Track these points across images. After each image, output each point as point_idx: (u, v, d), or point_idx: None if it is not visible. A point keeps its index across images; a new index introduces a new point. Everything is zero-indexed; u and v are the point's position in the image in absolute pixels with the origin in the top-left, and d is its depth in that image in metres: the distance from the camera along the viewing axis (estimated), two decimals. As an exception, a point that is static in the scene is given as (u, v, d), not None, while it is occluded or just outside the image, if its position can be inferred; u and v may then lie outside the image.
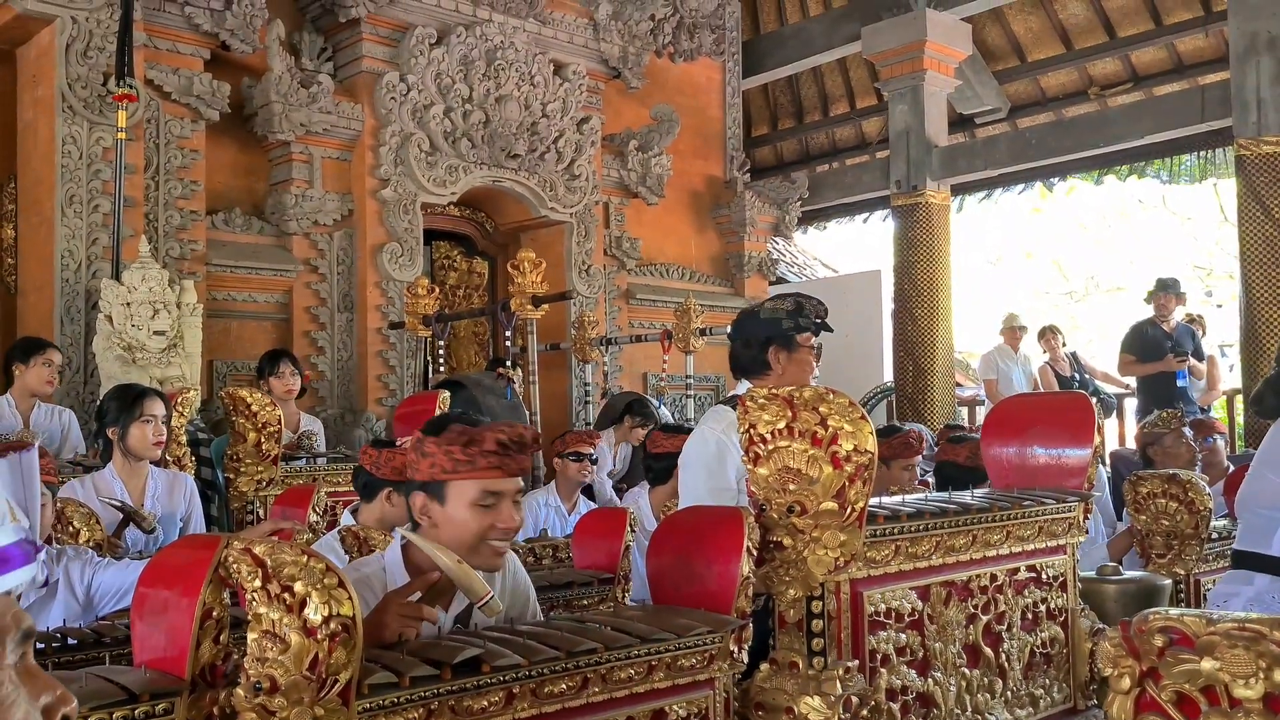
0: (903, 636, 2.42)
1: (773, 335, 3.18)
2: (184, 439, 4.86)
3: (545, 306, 6.50)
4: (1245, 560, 2.73)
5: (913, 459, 4.40)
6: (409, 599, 1.99)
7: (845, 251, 15.55)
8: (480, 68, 7.85)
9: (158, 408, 4.06)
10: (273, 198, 7.48)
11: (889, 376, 9.99)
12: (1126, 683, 1.25)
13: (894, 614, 2.40)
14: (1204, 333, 8.64)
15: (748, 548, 2.17)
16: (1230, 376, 9.55)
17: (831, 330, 3.28)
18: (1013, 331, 9.25)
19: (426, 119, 7.62)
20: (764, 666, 2.26)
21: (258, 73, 7.28)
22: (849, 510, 2.18)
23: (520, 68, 8.04)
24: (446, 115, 7.73)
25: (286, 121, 7.13)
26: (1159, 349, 7.95)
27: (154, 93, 6.76)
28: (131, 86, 6.07)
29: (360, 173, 7.57)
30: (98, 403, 4.66)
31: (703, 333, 7.16)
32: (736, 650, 2.15)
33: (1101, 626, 2.93)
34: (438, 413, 4.90)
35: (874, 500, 2.35)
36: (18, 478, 2.41)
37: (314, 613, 1.52)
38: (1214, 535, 3.44)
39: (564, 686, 1.85)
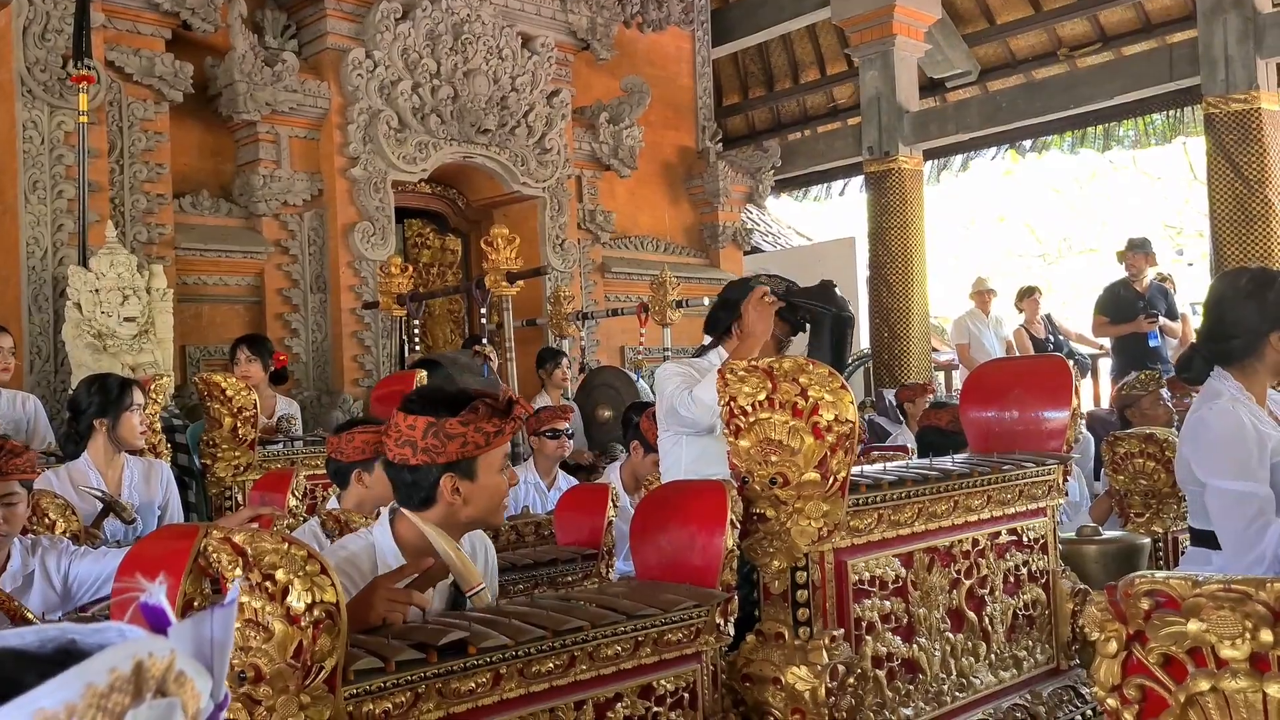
0: (887, 604, 2.43)
1: (728, 307, 3.27)
2: (159, 426, 4.81)
3: (520, 283, 6.47)
4: (1200, 538, 2.75)
5: None
6: (399, 584, 1.98)
7: (820, 219, 15.55)
8: (447, 42, 7.77)
9: (140, 396, 4.06)
10: (240, 179, 7.39)
11: (866, 344, 10.02)
12: (1113, 646, 1.25)
13: (878, 581, 2.41)
14: (1174, 291, 8.70)
15: (731, 520, 2.17)
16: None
17: (803, 329, 3.28)
18: (983, 295, 9.28)
19: (394, 95, 7.54)
20: (750, 638, 2.27)
21: (220, 52, 7.17)
22: (831, 480, 2.18)
23: (488, 41, 7.96)
24: (414, 91, 7.65)
25: (251, 101, 7.03)
26: (1132, 310, 8.00)
27: (115, 75, 6.65)
28: (91, 68, 5.96)
29: (329, 151, 7.48)
30: (70, 392, 4.60)
31: (679, 305, 7.14)
32: (722, 623, 2.15)
33: (1083, 587, 2.95)
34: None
35: (855, 469, 2.35)
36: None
37: (297, 600, 1.50)
38: (1189, 494, 3.48)
39: (551, 665, 1.84)
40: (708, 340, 3.44)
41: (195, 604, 1.66)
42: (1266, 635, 1.14)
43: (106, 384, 4.05)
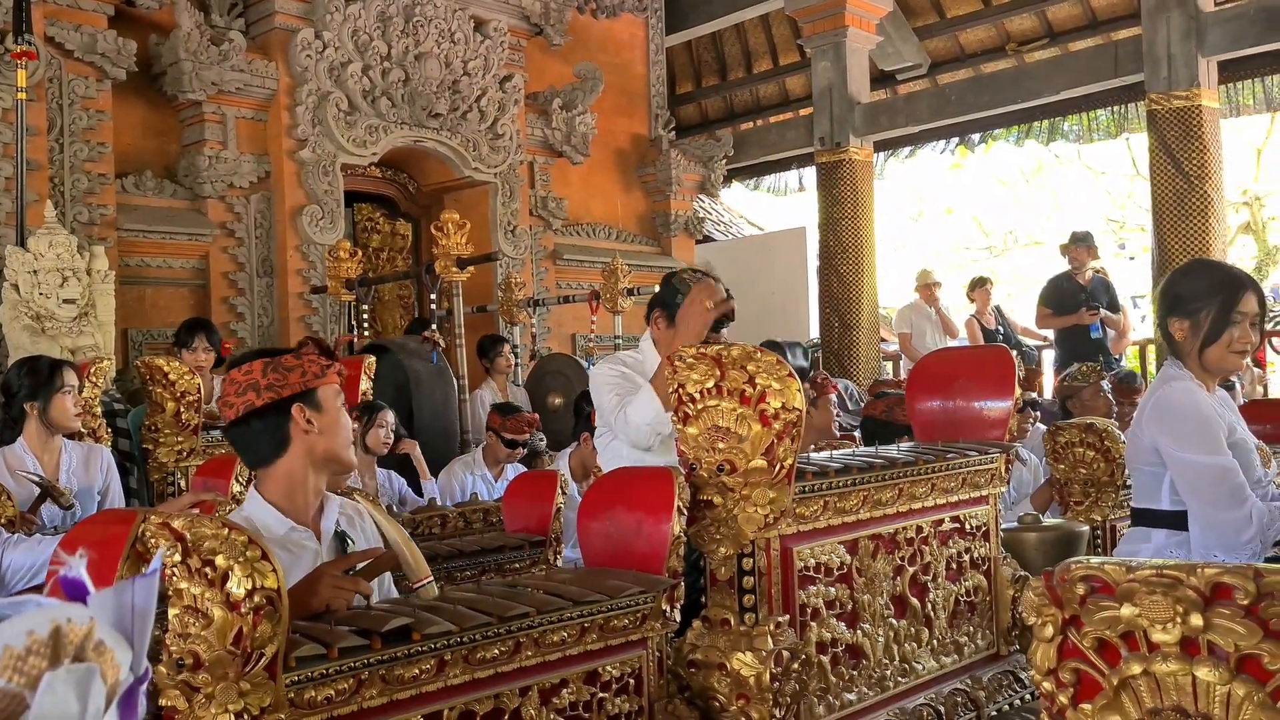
0: (832, 590, 2.46)
1: (664, 302, 3.23)
2: (99, 410, 4.72)
3: (471, 268, 6.42)
4: (1141, 517, 2.81)
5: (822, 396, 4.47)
6: (346, 571, 1.97)
7: (772, 209, 15.62)
8: (398, 24, 7.68)
9: (73, 378, 3.96)
10: (185, 159, 7.27)
11: (815, 333, 10.09)
12: (1049, 631, 1.27)
13: (823, 568, 2.44)
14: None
15: (678, 507, 2.17)
16: (1142, 326, 9.82)
17: (720, 329, 3.20)
18: (927, 287, 9.39)
19: (344, 77, 7.44)
20: (696, 624, 2.28)
21: (165, 30, 7.03)
22: (778, 467, 2.20)
23: (439, 24, 7.88)
24: (365, 73, 7.55)
25: (197, 80, 6.91)
26: (1074, 302, 8.13)
27: (55, 51, 6.49)
28: (30, 44, 5.82)
29: (276, 133, 7.37)
30: (3, 376, 4.49)
31: (630, 293, 7.14)
32: (669, 609, 2.16)
33: (1023, 574, 3.00)
34: (365, 384, 4.85)
35: (802, 457, 2.37)
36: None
37: (237, 586, 1.48)
38: (1129, 482, 3.55)
39: (496, 652, 1.84)
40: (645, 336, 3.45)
41: (133, 590, 1.64)
42: (1196, 619, 1.16)
43: (37, 366, 3.96)
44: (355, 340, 7.03)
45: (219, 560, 1.49)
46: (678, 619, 2.20)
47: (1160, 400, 2.70)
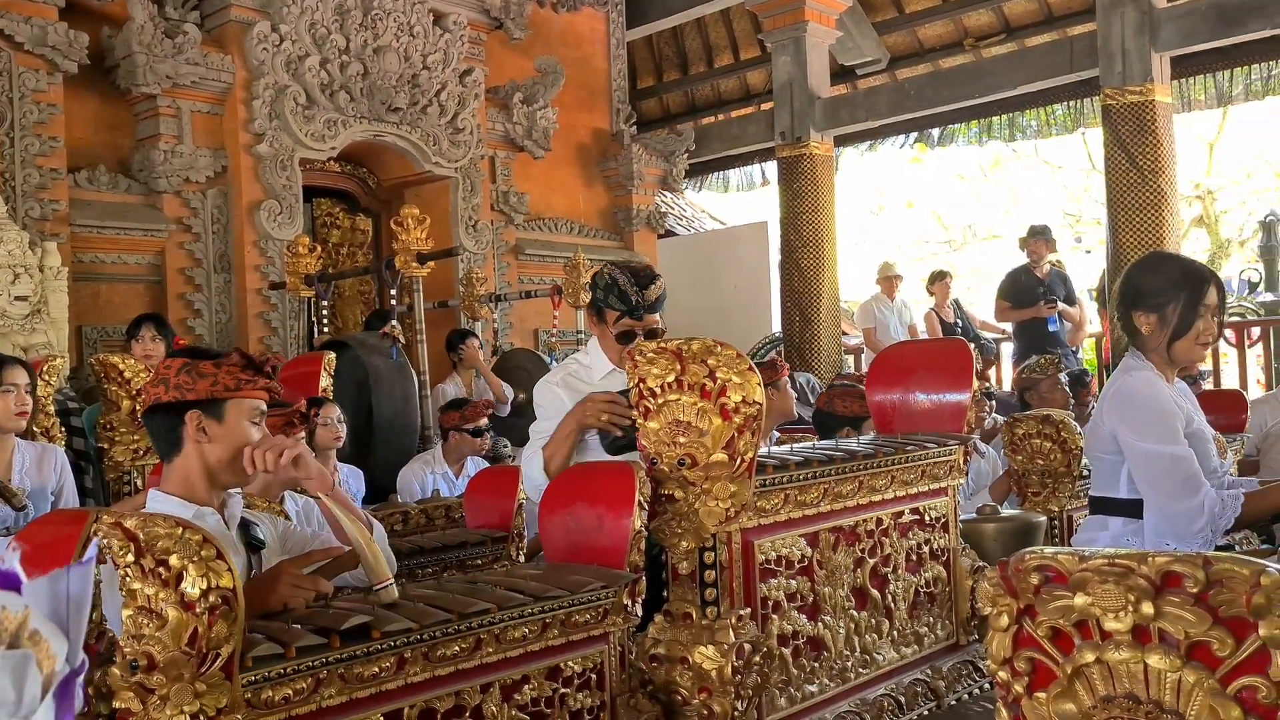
0: (793, 583, 2.47)
1: (591, 300, 3.02)
2: (52, 409, 4.64)
3: (431, 264, 6.38)
4: (1099, 505, 2.84)
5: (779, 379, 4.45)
6: (306, 569, 1.95)
7: (733, 204, 15.65)
8: (356, 17, 7.61)
9: (19, 376, 3.85)
10: (140, 154, 7.16)
11: (777, 327, 10.12)
12: (1005, 620, 1.29)
13: (784, 561, 2.45)
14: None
15: (639, 501, 2.17)
16: (1099, 319, 9.93)
17: (640, 318, 2.88)
18: (889, 280, 9.46)
19: (301, 70, 7.36)
20: (658, 618, 2.28)
21: (118, 22, 6.91)
22: (739, 461, 2.21)
23: (398, 17, 7.82)
24: (323, 67, 7.48)
25: (151, 74, 6.80)
26: (1032, 295, 8.22)
27: (5, 43, 6.37)
28: (-22, 36, 5.71)
29: (233, 127, 7.28)
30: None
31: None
32: (630, 604, 2.16)
33: (981, 564, 3.04)
34: (325, 380, 4.80)
35: (763, 450, 2.38)
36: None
37: (191, 586, 1.47)
38: (1085, 473, 3.59)
39: (457, 649, 1.83)
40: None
41: (85, 591, 1.61)
42: (1148, 608, 1.18)
43: None
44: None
45: (173, 560, 1.47)
46: (639, 613, 2.20)
47: (1120, 390, 2.74)
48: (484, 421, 5.37)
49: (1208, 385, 6.35)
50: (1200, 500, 2.57)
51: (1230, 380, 8.52)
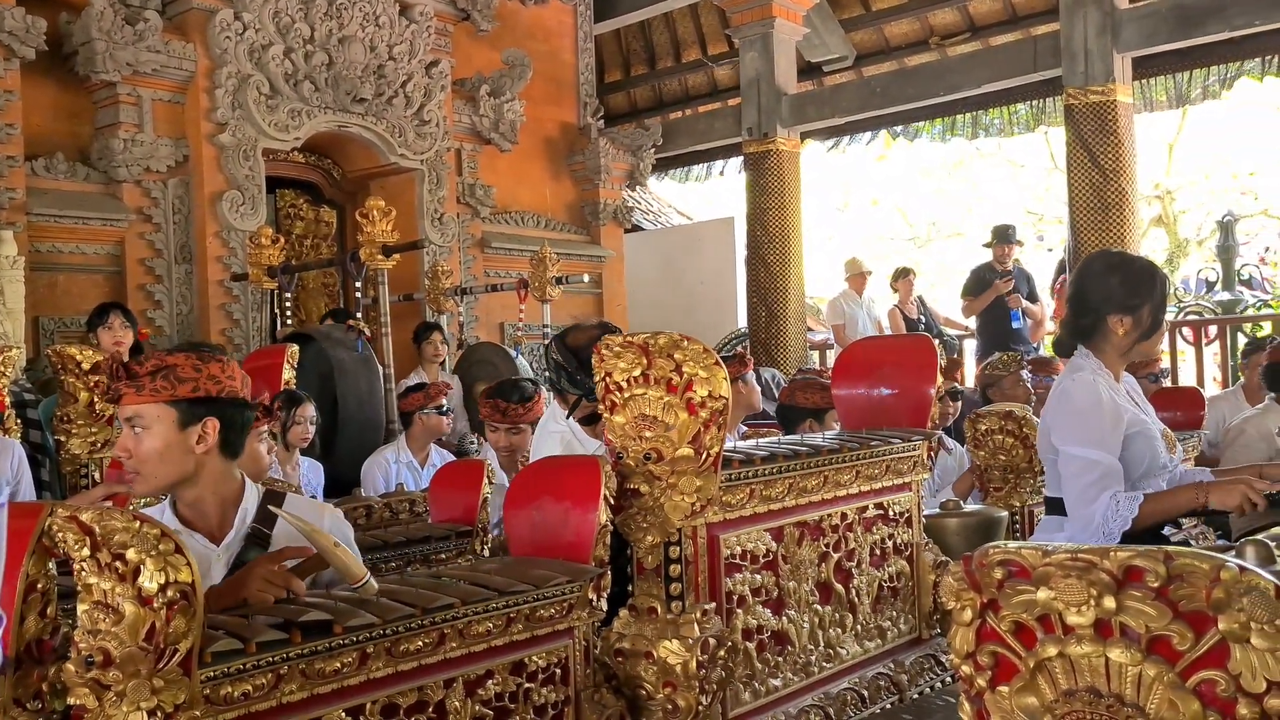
0: (758, 577, 2.48)
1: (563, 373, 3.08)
2: (8, 401, 4.56)
3: (396, 256, 6.33)
4: (1054, 506, 2.86)
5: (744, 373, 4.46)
6: (280, 566, 1.92)
7: (700, 198, 15.67)
8: (321, 6, 7.53)
9: (-29, 368, 3.80)
10: (99, 142, 7.04)
11: (743, 322, 10.15)
12: (968, 615, 1.29)
13: (749, 555, 2.45)
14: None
15: (605, 496, 2.17)
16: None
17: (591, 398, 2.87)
18: (858, 277, 9.51)
19: (265, 60, 7.28)
20: (623, 613, 2.28)
21: (77, 8, 6.79)
22: (704, 455, 2.21)
23: (364, 7, 7.74)
24: (287, 56, 7.39)
25: (111, 61, 6.69)
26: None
27: (-41, 28, 6.24)
28: (-68, 20, 5.59)
29: (195, 116, 7.18)
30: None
31: (559, 281, 7.10)
32: (595, 599, 2.15)
33: (944, 559, 3.06)
34: (288, 373, 4.75)
35: (728, 445, 2.38)
36: None
37: (149, 581, 1.44)
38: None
39: (420, 644, 1.82)
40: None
41: (39, 586, 1.58)
42: (1109, 602, 1.19)
43: None
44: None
45: (130, 554, 1.44)
46: (604, 608, 2.19)
47: (1059, 391, 2.77)
48: (444, 402, 5.37)
49: (1167, 383, 6.42)
50: (1098, 506, 2.59)
51: (1188, 378, 8.64)
